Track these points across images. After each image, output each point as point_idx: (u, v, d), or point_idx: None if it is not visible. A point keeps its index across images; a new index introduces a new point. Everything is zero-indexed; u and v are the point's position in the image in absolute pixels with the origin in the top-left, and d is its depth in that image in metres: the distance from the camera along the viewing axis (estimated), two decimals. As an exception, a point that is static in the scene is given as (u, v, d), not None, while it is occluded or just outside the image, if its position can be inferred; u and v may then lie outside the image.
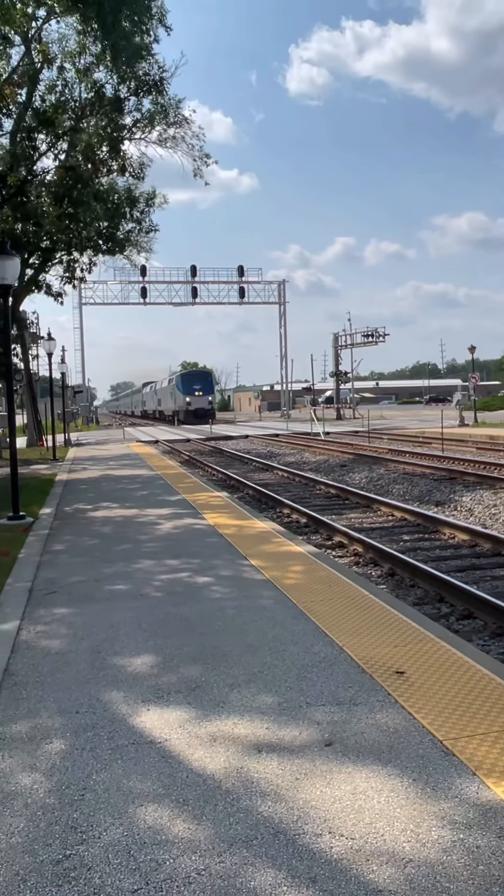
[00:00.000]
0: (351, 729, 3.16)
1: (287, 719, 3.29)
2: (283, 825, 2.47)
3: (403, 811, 2.52)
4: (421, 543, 9.11)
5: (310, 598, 5.21)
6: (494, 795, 2.59)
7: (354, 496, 12.99)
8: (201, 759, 2.96)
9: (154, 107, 18.69)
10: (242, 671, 3.89)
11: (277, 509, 12.03)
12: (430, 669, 3.79)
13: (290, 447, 25.94)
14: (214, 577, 6.07)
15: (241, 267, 53.46)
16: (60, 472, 17.07)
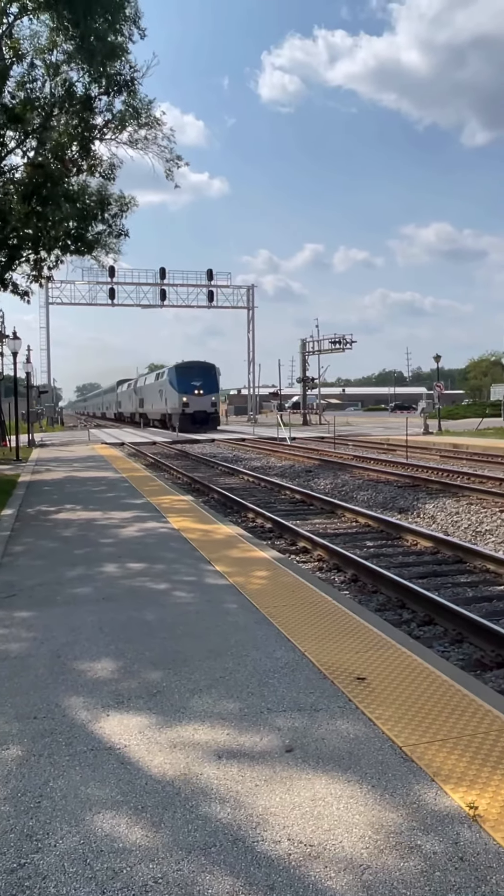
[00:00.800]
0: (311, 735, 3.16)
1: (248, 725, 3.28)
2: (241, 832, 2.46)
3: (362, 818, 2.53)
4: (384, 550, 9.18)
5: (273, 604, 5.21)
6: (452, 801, 2.61)
7: (319, 502, 13.04)
8: (161, 765, 2.94)
9: (125, 107, 18.59)
10: (204, 676, 3.87)
11: (242, 514, 12.02)
12: (391, 676, 3.82)
13: (256, 452, 25.95)
14: (178, 581, 6.03)
15: (211, 271, 53.46)
16: (24, 474, 16.84)
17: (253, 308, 56.13)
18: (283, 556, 7.16)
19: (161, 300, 53.10)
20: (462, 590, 7.16)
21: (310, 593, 5.51)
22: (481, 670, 4.96)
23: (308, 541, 9.16)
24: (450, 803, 2.61)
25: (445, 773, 2.81)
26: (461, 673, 3.96)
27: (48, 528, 9.01)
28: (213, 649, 4.30)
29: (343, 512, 11.88)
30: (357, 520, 11.24)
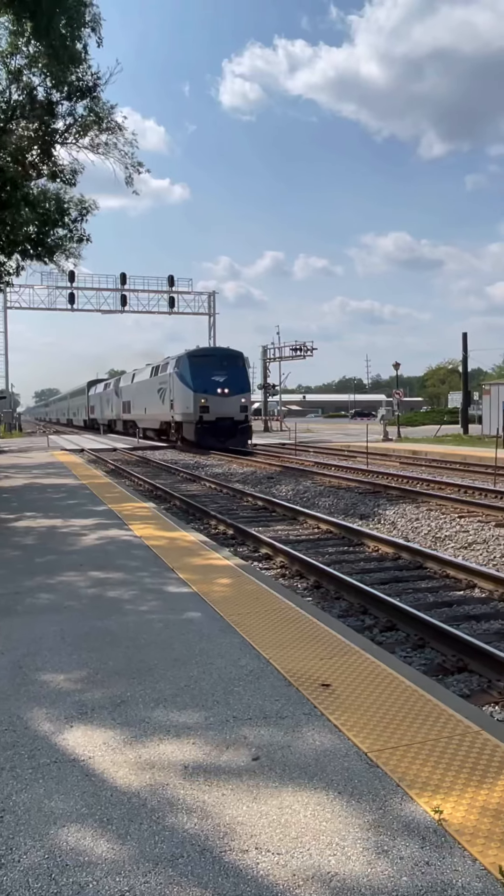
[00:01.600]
0: (278, 743, 3.16)
1: (214, 734, 3.26)
2: (209, 843, 2.45)
3: (329, 825, 2.54)
4: (346, 556, 9.24)
5: (237, 611, 5.21)
6: (417, 807, 2.64)
7: (281, 508, 13.08)
8: (126, 776, 2.91)
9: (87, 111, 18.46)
10: (169, 685, 3.85)
11: (205, 521, 11.99)
12: (356, 682, 3.84)
13: (217, 458, 25.91)
14: (141, 589, 5.99)
15: (172, 277, 53.23)
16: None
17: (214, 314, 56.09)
18: (246, 564, 7.16)
19: (122, 306, 52.67)
20: (423, 595, 7.24)
21: (273, 600, 5.52)
22: (443, 675, 5.02)
23: (270, 547, 9.18)
24: (415, 808, 2.63)
25: (410, 779, 2.83)
26: (424, 678, 4.00)
27: (7, 537, 8.87)
28: (177, 658, 4.27)
29: (305, 518, 11.93)
30: (319, 526, 11.30)
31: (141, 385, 39.56)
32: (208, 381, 29.51)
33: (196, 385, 29.58)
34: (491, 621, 6.31)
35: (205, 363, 30.30)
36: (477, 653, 5.12)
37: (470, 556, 9.12)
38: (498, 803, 2.65)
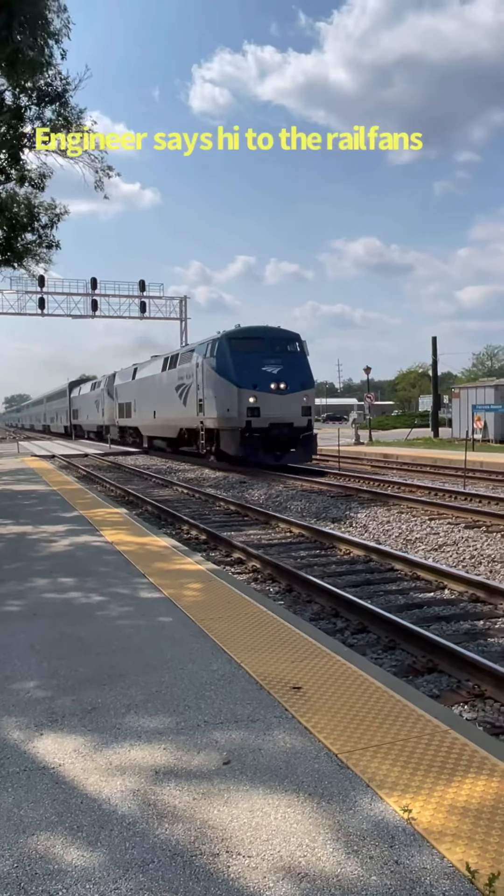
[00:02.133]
0: (249, 746, 3.17)
1: (185, 739, 3.26)
2: (180, 847, 2.45)
3: (300, 826, 2.55)
4: (318, 559, 9.29)
5: (209, 616, 5.20)
6: (387, 806, 2.66)
7: (254, 512, 13.10)
8: (96, 783, 2.89)
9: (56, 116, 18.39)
10: (140, 691, 3.84)
11: (177, 525, 11.97)
12: (326, 684, 3.86)
13: (190, 463, 25.86)
14: (112, 595, 5.96)
15: (143, 281, 52.97)
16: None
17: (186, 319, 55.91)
18: (218, 568, 7.16)
19: (92, 311, 52.31)
20: (394, 597, 7.30)
21: (245, 604, 5.53)
22: (413, 676, 5.07)
23: (242, 552, 9.19)
24: (385, 808, 2.65)
25: (380, 779, 2.86)
26: (394, 679, 4.04)
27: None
28: (149, 663, 4.26)
29: (277, 522, 11.97)
30: (291, 530, 11.34)
31: (148, 382, 31.41)
32: (258, 374, 21.07)
33: (241, 378, 20.86)
34: (460, 622, 6.38)
35: (251, 348, 21.61)
36: (446, 653, 5.18)
37: (440, 558, 9.22)
38: (465, 801, 2.69)
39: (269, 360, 21.55)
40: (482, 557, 8.98)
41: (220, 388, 21.59)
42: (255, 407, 20.74)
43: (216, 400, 21.88)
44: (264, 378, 21.14)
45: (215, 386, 22.01)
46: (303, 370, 22.19)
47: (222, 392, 21.48)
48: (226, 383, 21.38)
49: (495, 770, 2.92)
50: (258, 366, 21.26)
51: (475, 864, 2.29)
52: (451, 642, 5.39)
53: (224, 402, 21.36)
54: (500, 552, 9.07)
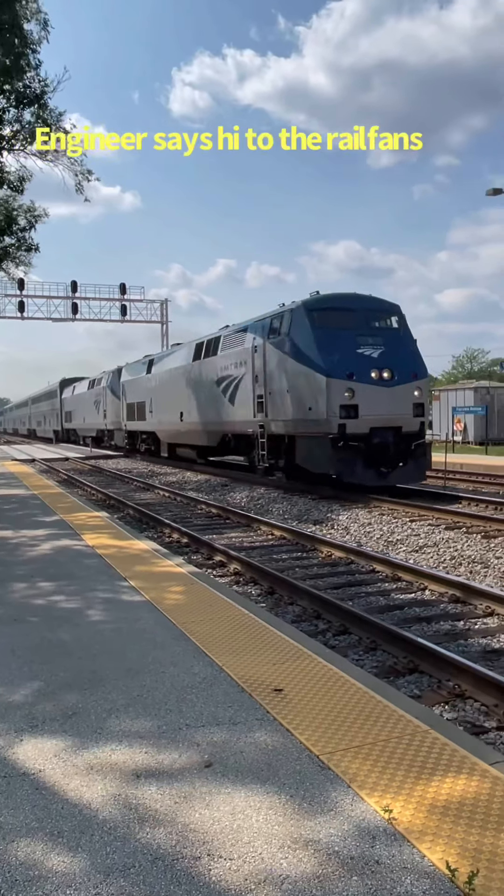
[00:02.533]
0: (230, 749, 3.17)
1: (166, 742, 3.25)
2: (161, 851, 2.44)
3: (281, 828, 2.55)
4: (300, 561, 9.30)
5: (190, 619, 5.20)
6: (367, 806, 2.68)
7: (235, 515, 13.09)
8: (77, 788, 2.88)
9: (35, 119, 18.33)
10: (121, 695, 3.82)
11: (158, 529, 11.94)
12: (308, 686, 3.87)
13: (172, 466, 25.80)
14: (93, 599, 5.93)
15: (124, 285, 52.82)
16: None
17: (167, 322, 55.83)
18: (199, 571, 7.15)
19: (73, 314, 52.09)
20: (375, 598, 7.34)
21: (227, 607, 5.52)
22: (394, 677, 5.10)
23: (224, 555, 9.18)
24: (366, 808, 2.67)
25: (361, 779, 2.87)
26: (375, 680, 4.06)
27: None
28: (130, 667, 4.25)
29: (259, 525, 11.97)
30: (273, 532, 11.35)
31: (171, 376, 25.29)
32: (353, 358, 14.82)
33: (331, 365, 14.65)
34: (441, 622, 6.43)
35: (339, 324, 15.35)
36: (427, 654, 5.21)
37: (421, 560, 9.27)
38: (446, 800, 2.71)
39: (365, 340, 15.23)
40: (462, 558, 9.04)
41: (298, 379, 15.54)
42: (351, 405, 14.47)
43: (291, 395, 15.79)
44: (362, 364, 14.78)
45: (290, 376, 15.90)
46: (411, 354, 15.83)
47: (301, 384, 15.40)
48: (307, 372, 15.16)
49: (475, 769, 2.94)
50: (352, 347, 14.95)
51: (455, 863, 2.31)
52: (432, 643, 5.43)
53: (304, 398, 15.23)
54: (480, 553, 9.15)
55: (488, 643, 5.89)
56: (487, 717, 4.46)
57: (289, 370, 15.94)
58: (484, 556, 8.97)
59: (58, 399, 51.43)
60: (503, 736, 4.22)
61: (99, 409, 38.76)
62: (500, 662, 5.42)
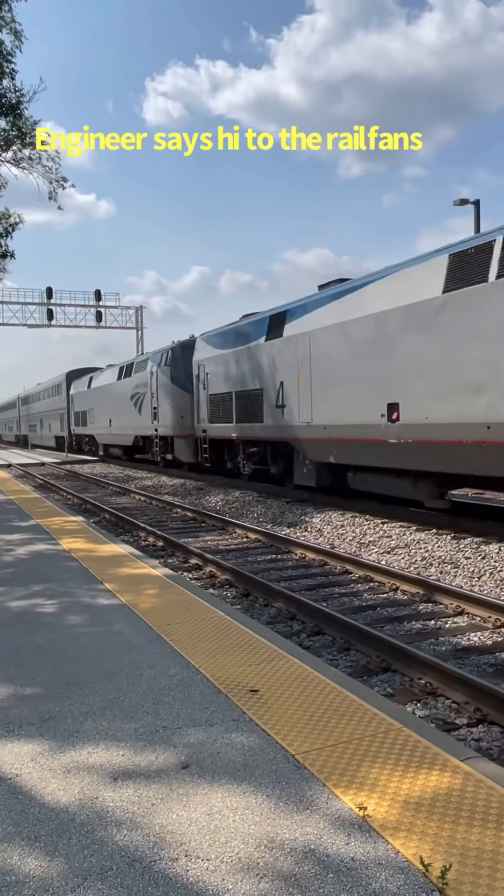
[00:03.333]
0: (207, 750, 3.19)
1: (144, 745, 3.27)
2: (138, 853, 2.46)
3: (258, 827, 2.59)
4: (275, 563, 9.35)
5: (166, 621, 5.21)
6: (343, 804, 2.72)
7: (211, 519, 13.11)
8: (54, 792, 2.88)
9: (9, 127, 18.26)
10: (98, 699, 3.83)
11: (134, 533, 11.92)
12: (283, 686, 3.91)
13: (147, 471, 25.72)
14: (69, 603, 5.92)
15: (99, 291, 52.48)
16: None
17: (142, 328, 55.49)
18: (175, 574, 7.16)
19: (48, 320, 51.66)
20: (349, 599, 7.41)
21: (202, 609, 5.55)
22: (368, 676, 5.16)
23: (200, 557, 9.20)
24: (341, 806, 2.71)
25: (336, 778, 2.91)
26: (349, 679, 4.11)
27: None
28: (106, 670, 4.25)
29: (234, 528, 12.00)
30: (248, 535, 11.38)
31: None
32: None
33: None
34: (413, 622, 6.51)
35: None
36: (399, 653, 5.28)
37: (392, 561, 9.36)
38: (419, 796, 2.76)
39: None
40: (433, 559, 9.15)
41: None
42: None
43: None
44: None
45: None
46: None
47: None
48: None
49: (447, 765, 3.00)
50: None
51: (428, 858, 2.36)
52: (404, 642, 5.50)
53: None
54: (450, 554, 9.26)
55: (458, 641, 5.98)
56: (458, 714, 4.54)
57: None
58: (454, 557, 9.09)
59: (64, 396, 39.35)
60: (473, 732, 4.30)
61: (139, 409, 26.07)
62: (469, 660, 5.51)
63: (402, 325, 11.02)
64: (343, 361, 12.79)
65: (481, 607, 6.60)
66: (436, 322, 10.19)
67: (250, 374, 17.01)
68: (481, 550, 9.24)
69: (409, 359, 10.81)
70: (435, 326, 10.21)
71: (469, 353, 9.53)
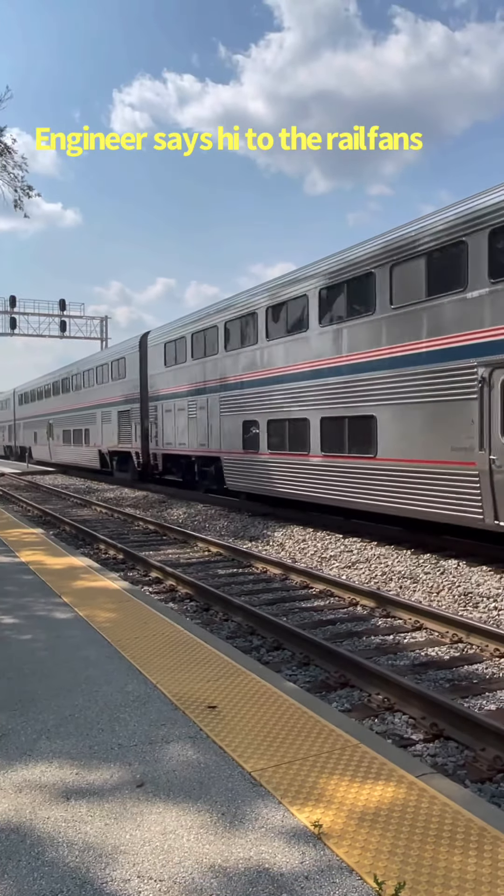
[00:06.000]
0: (162, 768, 3.16)
1: (98, 762, 3.22)
2: (90, 874, 2.42)
3: (212, 847, 2.56)
4: (236, 578, 9.32)
5: (125, 636, 5.16)
6: (298, 822, 2.71)
7: (172, 532, 13.04)
8: (5, 811, 2.82)
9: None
10: (53, 715, 3.76)
11: (95, 545, 11.79)
12: (241, 702, 3.89)
13: (109, 483, 25.50)
14: (25, 617, 5.82)
15: (63, 301, 52.01)
16: None
17: (106, 339, 55.14)
18: (135, 588, 7.10)
19: (11, 329, 51.06)
20: (309, 614, 7.41)
21: (162, 624, 5.50)
22: (326, 691, 5.16)
23: (160, 571, 9.13)
24: (296, 824, 2.70)
25: (292, 795, 2.90)
26: (307, 695, 4.10)
27: None
28: (62, 686, 4.19)
29: (196, 541, 11.95)
30: (209, 549, 11.34)
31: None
32: None
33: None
34: (372, 637, 6.54)
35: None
36: (358, 668, 5.29)
37: (353, 576, 9.41)
38: (374, 813, 2.76)
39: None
40: (393, 574, 9.22)
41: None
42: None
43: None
44: None
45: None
46: None
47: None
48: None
49: (402, 781, 3.01)
50: None
51: (382, 875, 2.36)
52: (362, 658, 5.52)
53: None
54: (410, 569, 9.34)
55: (416, 656, 6.03)
56: (415, 730, 4.56)
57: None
58: (413, 572, 9.17)
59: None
60: (430, 748, 4.33)
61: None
62: (427, 675, 5.55)
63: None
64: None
65: (439, 622, 6.66)
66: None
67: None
68: (440, 566, 9.34)
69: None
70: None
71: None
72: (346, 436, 12.04)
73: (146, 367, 22.04)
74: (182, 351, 19.24)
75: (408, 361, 10.45)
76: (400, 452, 10.67)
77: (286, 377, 13.85)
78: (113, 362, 25.57)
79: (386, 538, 11.59)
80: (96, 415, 27.29)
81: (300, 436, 13.32)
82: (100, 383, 27.05)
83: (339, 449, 12.23)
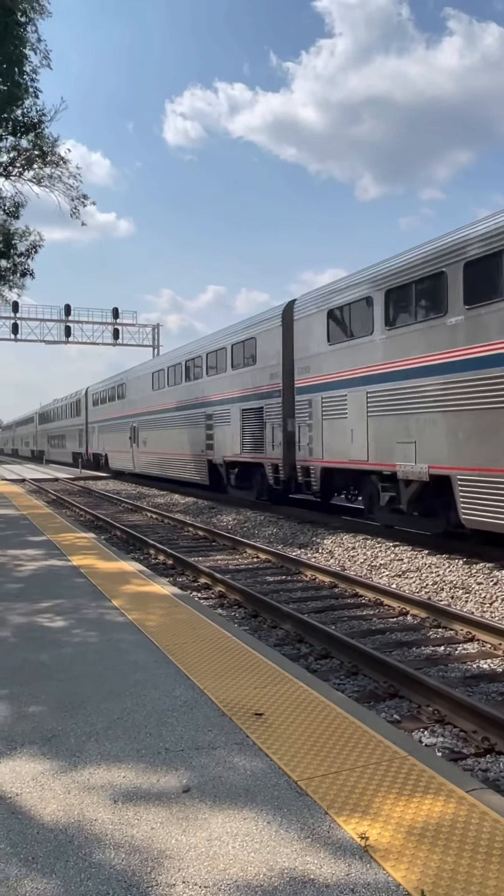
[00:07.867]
0: (209, 773, 3.16)
1: (145, 766, 3.25)
2: (136, 878, 2.43)
3: (258, 855, 2.55)
4: (284, 585, 9.30)
5: (173, 641, 5.19)
6: (344, 833, 2.68)
7: (222, 538, 13.09)
8: (54, 813, 2.87)
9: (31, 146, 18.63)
10: (101, 718, 3.81)
11: (145, 550, 11.92)
12: (288, 710, 3.87)
13: (159, 488, 25.76)
14: (76, 620, 5.91)
15: (116, 309, 53.02)
16: None
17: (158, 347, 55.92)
18: (183, 593, 7.14)
19: (66, 336, 52.18)
20: (358, 622, 7.34)
21: (210, 630, 5.52)
22: (375, 701, 5.10)
23: (209, 577, 9.18)
24: (342, 835, 2.67)
25: (339, 806, 2.87)
26: (355, 705, 4.06)
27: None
28: (111, 690, 4.23)
29: (245, 548, 11.97)
30: (258, 556, 11.35)
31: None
32: None
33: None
34: (422, 647, 6.44)
35: None
36: (407, 679, 5.22)
37: (403, 585, 9.29)
38: (422, 827, 2.72)
39: None
40: (444, 584, 9.06)
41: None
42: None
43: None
44: None
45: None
46: None
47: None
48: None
49: (452, 796, 2.95)
50: None
51: (430, 893, 2.32)
52: (412, 668, 5.44)
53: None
54: (462, 578, 9.18)
55: (468, 668, 5.91)
56: (466, 744, 4.47)
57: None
58: (465, 582, 9.00)
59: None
60: (481, 762, 4.24)
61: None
62: (479, 688, 5.44)
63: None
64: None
65: (492, 634, 6.52)
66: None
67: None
68: (493, 576, 9.15)
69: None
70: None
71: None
72: None
73: (291, 348, 15.70)
74: (365, 318, 12.62)
75: None
76: None
77: None
78: (233, 346, 18.95)
79: (437, 547, 11.42)
80: (203, 415, 20.85)
81: None
82: (210, 375, 20.77)
83: None
